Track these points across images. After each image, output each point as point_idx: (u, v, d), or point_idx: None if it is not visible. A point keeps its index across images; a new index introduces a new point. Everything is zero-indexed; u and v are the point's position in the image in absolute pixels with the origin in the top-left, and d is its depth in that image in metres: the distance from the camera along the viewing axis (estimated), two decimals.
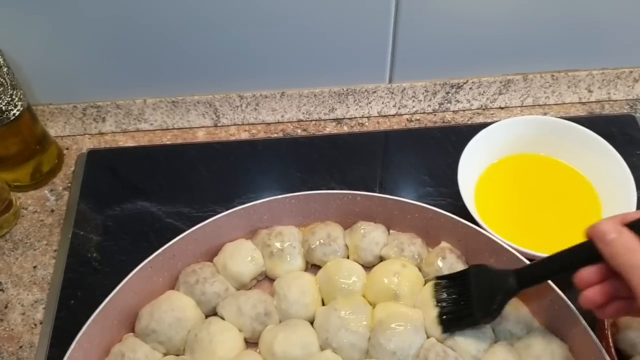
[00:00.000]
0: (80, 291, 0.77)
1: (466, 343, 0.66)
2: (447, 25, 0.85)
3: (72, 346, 0.63)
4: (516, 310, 0.69)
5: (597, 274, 0.54)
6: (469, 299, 0.66)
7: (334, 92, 0.92)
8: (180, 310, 0.69)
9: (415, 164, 0.89)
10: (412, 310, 0.69)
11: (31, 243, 0.83)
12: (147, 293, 0.71)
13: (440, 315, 0.67)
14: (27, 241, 0.83)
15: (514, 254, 0.69)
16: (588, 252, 0.54)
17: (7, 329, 0.75)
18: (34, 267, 0.81)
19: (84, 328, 0.64)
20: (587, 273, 0.55)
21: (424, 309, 0.69)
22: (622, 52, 0.91)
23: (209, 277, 0.72)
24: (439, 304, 0.68)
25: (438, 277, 0.70)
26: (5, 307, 0.77)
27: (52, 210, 0.87)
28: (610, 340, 0.64)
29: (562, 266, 0.59)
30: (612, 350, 0.63)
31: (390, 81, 0.92)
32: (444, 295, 0.68)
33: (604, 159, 0.79)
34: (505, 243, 0.70)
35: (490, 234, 0.71)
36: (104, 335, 0.68)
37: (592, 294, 0.54)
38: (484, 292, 0.65)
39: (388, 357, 0.65)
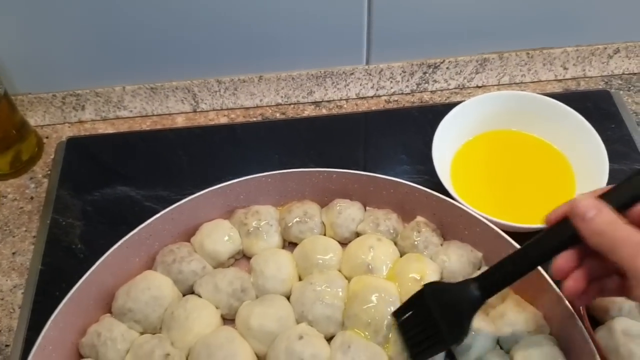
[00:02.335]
0: (58, 276, 0.77)
1: None
2: (422, 5, 0.86)
3: (47, 325, 0.63)
4: None
5: (574, 259, 0.52)
6: (433, 323, 0.59)
7: (312, 74, 0.93)
8: (157, 288, 0.69)
9: (394, 144, 0.89)
10: (387, 282, 0.69)
11: (10, 230, 0.83)
12: (124, 273, 0.71)
13: (412, 354, 0.62)
14: (7, 228, 0.83)
15: (487, 225, 0.69)
16: (556, 239, 0.52)
17: None
18: (13, 253, 0.81)
19: (59, 307, 0.65)
20: (564, 261, 0.52)
21: (399, 282, 0.69)
22: (596, 28, 0.92)
23: (186, 256, 0.72)
24: (408, 342, 0.62)
25: (394, 313, 0.64)
26: None
27: (32, 198, 0.87)
28: (584, 307, 0.64)
29: (530, 262, 0.55)
30: (585, 316, 0.63)
31: (367, 62, 0.93)
32: (409, 330, 0.62)
33: (577, 133, 0.79)
34: (479, 214, 0.70)
35: (464, 206, 0.71)
36: (81, 316, 0.68)
37: (574, 283, 0.52)
38: (447, 311, 0.59)
39: (363, 327, 0.66)
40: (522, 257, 0.56)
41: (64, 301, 0.65)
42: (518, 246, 0.65)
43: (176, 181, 0.86)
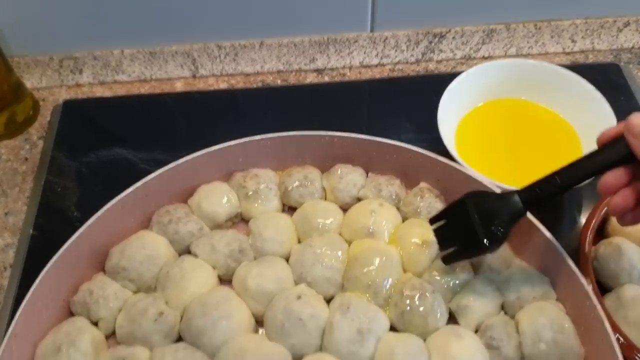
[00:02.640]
0: (51, 236, 0.75)
1: (443, 277, 0.65)
2: None
3: (37, 280, 0.62)
4: None
5: (623, 177, 0.50)
6: (470, 229, 0.59)
7: (315, 41, 0.91)
8: (152, 248, 0.68)
9: (398, 113, 0.87)
10: (388, 246, 0.67)
11: (3, 190, 0.81)
12: (119, 233, 0.69)
13: (444, 258, 0.63)
14: (0, 189, 0.81)
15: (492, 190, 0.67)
16: (606, 156, 0.52)
17: None
18: (6, 213, 0.79)
19: (50, 262, 0.63)
20: (613, 177, 0.51)
21: (401, 246, 0.67)
22: (605, 1, 0.90)
23: (183, 217, 0.70)
24: (441, 246, 0.63)
25: (430, 220, 0.64)
26: None
27: (26, 159, 0.85)
28: (592, 274, 0.62)
29: (576, 177, 0.54)
30: (594, 282, 0.61)
31: (372, 30, 0.91)
32: (444, 235, 0.63)
33: (585, 101, 0.77)
34: (484, 179, 0.68)
35: (469, 170, 0.69)
36: (73, 273, 0.66)
37: (622, 200, 0.51)
38: (486, 218, 0.58)
39: (363, 290, 0.64)
40: (569, 172, 0.55)
41: (55, 257, 0.63)
42: None
43: (174, 145, 0.83)
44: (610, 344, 0.56)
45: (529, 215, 0.63)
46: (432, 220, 0.64)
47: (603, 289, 0.64)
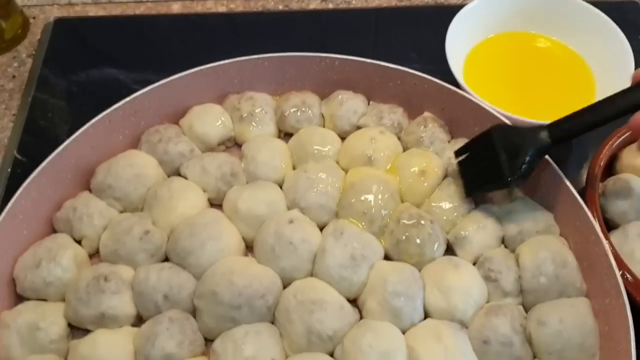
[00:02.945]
0: (37, 153, 0.71)
1: (443, 208, 0.62)
2: None
3: (18, 192, 0.59)
4: None
5: None
6: (495, 162, 0.57)
7: None
8: (140, 167, 0.65)
9: (405, 43, 0.83)
10: (387, 174, 0.64)
11: None
12: (106, 151, 0.66)
13: (467, 189, 0.62)
14: None
15: (500, 120, 0.64)
16: (637, 97, 0.51)
17: None
18: None
19: (33, 174, 0.60)
20: None
21: (401, 175, 0.64)
22: None
23: (174, 137, 0.67)
24: (465, 177, 0.62)
25: (455, 152, 0.63)
26: None
27: (14, 76, 0.81)
28: (599, 209, 0.59)
29: (607, 113, 0.53)
30: (601, 219, 0.59)
31: None
32: (468, 167, 0.62)
33: (602, 36, 0.73)
34: (492, 108, 0.65)
35: (476, 99, 0.66)
36: (57, 189, 0.63)
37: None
38: (512, 151, 0.57)
39: (358, 217, 0.61)
40: (600, 108, 0.54)
41: (38, 169, 0.61)
42: None
43: (168, 67, 0.78)
44: (615, 280, 0.53)
45: None
46: (458, 153, 0.63)
47: (609, 226, 0.61)
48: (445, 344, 0.53)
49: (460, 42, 0.74)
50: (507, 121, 0.63)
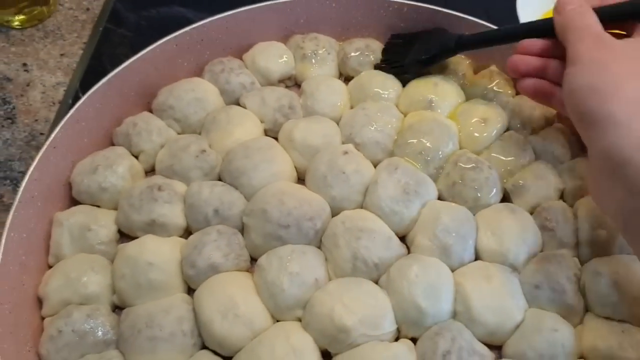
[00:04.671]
0: (103, 77, 0.73)
1: (502, 159, 0.61)
2: None
3: (82, 99, 0.60)
4: (563, 134, 0.62)
5: (538, 46, 0.55)
6: (412, 47, 0.67)
7: None
8: (201, 92, 0.65)
9: (475, 4, 0.81)
10: (447, 119, 0.63)
11: (62, 34, 0.80)
12: (169, 74, 0.67)
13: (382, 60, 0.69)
14: (58, 32, 0.81)
15: None
16: (537, 27, 0.56)
17: (26, 104, 0.73)
18: (61, 54, 0.78)
19: (98, 84, 0.62)
20: (529, 41, 0.56)
21: (461, 123, 0.63)
22: None
23: (236, 68, 0.68)
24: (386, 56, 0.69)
25: (393, 35, 0.70)
26: (28, 85, 0.75)
27: (88, 9, 0.84)
28: None
29: (507, 36, 0.60)
30: None
31: None
32: (390, 51, 0.69)
33: None
34: None
35: None
36: (119, 105, 0.64)
37: (520, 59, 0.56)
38: (426, 44, 0.66)
39: (413, 157, 0.60)
40: (501, 32, 0.61)
41: (104, 79, 0.62)
42: None
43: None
44: None
45: None
46: (394, 36, 0.70)
47: None
48: (494, 284, 0.52)
49: (531, 6, 0.73)
50: None
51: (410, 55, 0.66)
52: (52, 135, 0.58)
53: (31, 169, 0.56)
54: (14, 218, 0.53)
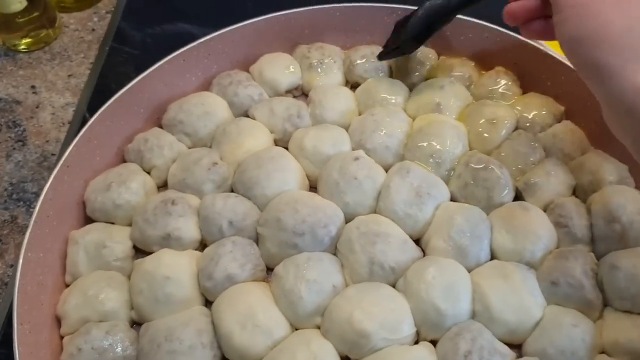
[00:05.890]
0: (110, 95, 0.74)
1: (512, 158, 0.61)
2: None
3: (93, 118, 0.61)
4: (572, 131, 0.62)
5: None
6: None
7: None
8: (210, 105, 0.66)
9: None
10: (455, 121, 0.63)
11: (68, 55, 0.81)
12: (178, 90, 0.68)
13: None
14: (65, 54, 0.82)
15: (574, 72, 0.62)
16: None
17: (36, 126, 0.74)
18: (69, 75, 0.79)
19: (108, 102, 0.62)
20: None
21: (470, 124, 0.63)
22: None
23: (244, 81, 0.68)
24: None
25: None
26: (37, 107, 0.76)
27: (93, 30, 0.85)
28: None
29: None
30: None
31: None
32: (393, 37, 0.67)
33: None
34: (565, 59, 0.63)
35: (551, 51, 0.64)
36: (130, 121, 0.65)
37: (516, 5, 0.51)
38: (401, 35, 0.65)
39: (424, 160, 0.60)
40: None
41: (114, 97, 0.63)
42: None
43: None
44: None
45: None
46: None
47: None
48: (512, 282, 0.52)
49: None
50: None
51: (403, 34, 0.64)
52: (65, 155, 0.58)
53: (46, 188, 0.56)
54: (30, 238, 0.54)
